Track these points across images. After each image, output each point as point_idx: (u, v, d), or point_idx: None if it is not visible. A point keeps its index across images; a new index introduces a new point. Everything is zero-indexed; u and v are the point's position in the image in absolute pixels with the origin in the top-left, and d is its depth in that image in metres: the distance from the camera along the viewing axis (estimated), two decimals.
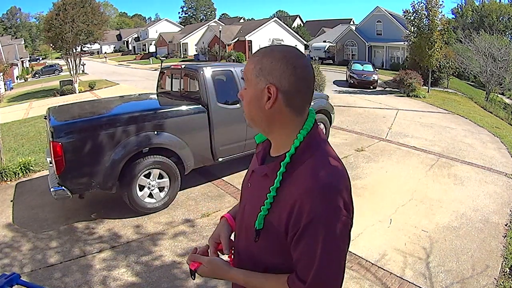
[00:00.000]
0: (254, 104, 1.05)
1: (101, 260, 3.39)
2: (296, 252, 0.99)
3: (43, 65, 47.37)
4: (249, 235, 1.09)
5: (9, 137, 8.79)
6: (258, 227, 1.04)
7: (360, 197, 4.74)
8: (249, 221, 1.09)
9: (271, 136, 1.10)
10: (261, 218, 1.03)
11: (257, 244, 1.07)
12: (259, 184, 1.09)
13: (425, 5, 15.53)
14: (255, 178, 1.13)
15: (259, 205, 1.04)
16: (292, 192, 0.98)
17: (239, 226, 1.18)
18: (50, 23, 20.30)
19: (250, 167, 1.20)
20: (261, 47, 1.11)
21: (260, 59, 1.03)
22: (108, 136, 3.93)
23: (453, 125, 9.75)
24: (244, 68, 1.08)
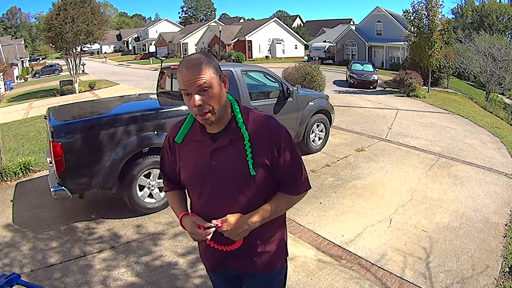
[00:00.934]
0: (221, 98, 1.38)
1: (101, 260, 3.39)
2: (283, 166, 1.44)
3: (43, 65, 47.34)
4: (237, 190, 1.41)
5: (9, 137, 8.79)
6: (252, 173, 1.39)
7: (360, 197, 4.74)
8: (231, 181, 1.41)
9: (221, 115, 1.40)
10: (251, 165, 1.38)
11: (254, 187, 1.41)
12: (227, 151, 1.40)
13: (425, 5, 15.53)
14: (219, 152, 1.41)
15: (238, 162, 1.39)
16: (258, 135, 1.40)
17: (217, 196, 1.43)
18: (50, 23, 20.28)
19: (198, 155, 1.45)
20: (187, 58, 1.39)
21: (208, 66, 1.34)
22: (108, 136, 3.93)
23: (453, 125, 9.75)
24: (193, 78, 1.33)
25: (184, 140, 1.49)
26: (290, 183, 1.49)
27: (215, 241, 1.47)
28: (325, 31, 47.58)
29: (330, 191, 4.91)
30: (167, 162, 1.61)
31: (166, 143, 1.58)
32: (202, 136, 1.45)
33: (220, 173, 1.41)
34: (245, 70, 5.33)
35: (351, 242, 3.67)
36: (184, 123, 1.51)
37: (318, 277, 3.10)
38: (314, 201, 4.56)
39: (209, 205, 1.45)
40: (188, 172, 1.49)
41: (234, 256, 1.53)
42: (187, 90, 1.36)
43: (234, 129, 1.41)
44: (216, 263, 1.62)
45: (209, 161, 1.42)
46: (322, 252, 3.48)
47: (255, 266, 1.57)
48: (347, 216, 4.23)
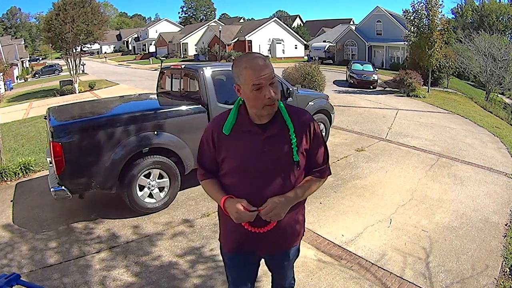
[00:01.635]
0: (278, 88, 1.61)
1: (101, 260, 3.39)
2: (315, 153, 1.70)
3: (43, 65, 47.33)
4: (282, 175, 1.61)
5: (9, 137, 8.79)
6: (296, 159, 1.61)
7: (360, 197, 4.74)
8: (277, 167, 1.61)
9: None
10: (295, 152, 1.60)
11: (296, 171, 1.65)
12: (277, 139, 1.61)
13: (425, 5, 15.53)
14: (270, 140, 1.60)
15: (285, 150, 1.60)
16: (299, 126, 1.63)
17: (263, 181, 1.61)
18: (50, 23, 20.29)
19: (249, 144, 1.61)
20: (254, 55, 1.58)
21: (269, 63, 1.56)
22: (108, 136, 3.93)
23: (453, 125, 9.75)
24: (266, 73, 1.53)
25: (232, 131, 1.62)
26: (319, 167, 1.73)
27: (251, 224, 1.64)
28: (325, 31, 47.59)
29: (330, 191, 4.91)
30: (207, 153, 1.72)
31: (208, 135, 1.70)
32: (251, 127, 1.62)
33: (269, 160, 1.59)
34: None
35: (351, 242, 3.67)
36: (230, 115, 1.65)
37: (318, 277, 3.10)
38: (314, 201, 4.56)
39: (255, 190, 1.61)
40: (238, 160, 1.62)
41: (264, 238, 1.69)
42: (260, 83, 1.51)
43: (281, 120, 1.62)
44: (243, 246, 1.75)
45: (260, 148, 1.59)
46: (322, 252, 3.48)
47: (282, 245, 1.78)
48: (347, 216, 4.23)
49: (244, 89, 1.55)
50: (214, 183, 1.73)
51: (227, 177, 1.69)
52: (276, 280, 2.05)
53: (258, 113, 1.59)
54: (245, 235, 1.69)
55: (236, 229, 1.69)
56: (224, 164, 1.67)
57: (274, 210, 1.56)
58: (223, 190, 1.69)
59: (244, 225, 1.66)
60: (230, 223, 1.67)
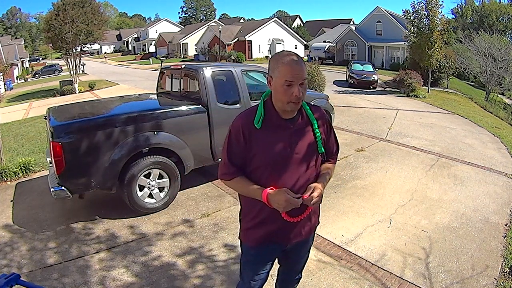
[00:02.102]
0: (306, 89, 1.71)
1: (101, 260, 3.39)
2: (332, 143, 1.92)
3: (43, 65, 47.32)
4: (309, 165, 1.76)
5: (9, 137, 8.79)
6: (321, 151, 1.80)
7: (360, 197, 4.74)
8: (305, 157, 1.75)
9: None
10: (320, 145, 1.78)
11: (320, 161, 1.84)
12: (303, 133, 1.76)
13: (425, 5, 15.52)
14: (294, 134, 1.74)
15: (310, 142, 1.76)
16: (319, 120, 1.80)
17: (293, 172, 1.73)
18: (50, 23, 20.27)
19: (280, 137, 1.73)
20: (291, 54, 1.69)
21: (304, 65, 1.68)
22: (108, 136, 3.93)
23: (453, 125, 9.75)
24: (300, 73, 1.65)
25: (263, 125, 1.72)
26: (333, 155, 1.94)
27: (288, 214, 1.74)
28: (325, 31, 47.58)
29: (330, 191, 4.91)
30: (237, 150, 1.76)
31: (237, 132, 1.74)
32: (280, 121, 1.74)
33: (297, 152, 1.73)
34: (245, 70, 5.34)
35: (351, 242, 3.67)
36: (258, 110, 1.73)
37: (318, 277, 3.10)
38: None
39: (288, 180, 1.71)
40: (270, 153, 1.71)
41: (296, 226, 1.82)
42: (293, 81, 1.63)
43: (304, 115, 1.78)
44: (277, 236, 1.83)
45: (289, 141, 1.72)
46: (322, 252, 3.48)
47: (307, 233, 1.91)
48: (347, 216, 4.23)
49: (276, 82, 1.66)
50: (246, 179, 1.77)
51: (258, 171, 1.75)
52: (284, 273, 2.15)
53: (282, 107, 1.70)
54: (281, 225, 1.78)
55: (273, 220, 1.77)
56: (255, 159, 1.73)
57: (319, 196, 1.69)
58: (257, 184, 1.74)
59: (283, 216, 1.73)
60: (266, 214, 1.76)
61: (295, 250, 1.98)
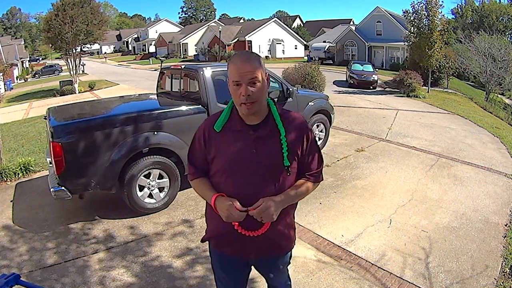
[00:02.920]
0: (265, 92, 1.59)
1: (100, 260, 3.39)
2: (310, 158, 1.69)
3: (43, 65, 47.31)
4: (271, 177, 1.59)
5: (9, 137, 8.79)
6: (286, 164, 1.59)
7: (360, 197, 4.74)
8: (266, 169, 1.58)
9: (260, 109, 1.60)
10: (286, 157, 1.58)
11: (286, 176, 1.61)
12: (266, 141, 1.59)
13: (425, 5, 15.53)
14: (259, 141, 1.59)
15: (275, 153, 1.58)
16: (292, 131, 1.61)
17: (252, 182, 1.58)
18: (50, 23, 20.30)
19: (239, 143, 1.60)
20: (242, 52, 1.61)
21: (259, 63, 1.56)
22: (108, 136, 3.93)
23: (453, 125, 9.75)
24: (247, 71, 1.52)
25: (223, 129, 1.63)
26: (312, 172, 1.71)
27: (243, 226, 1.60)
28: (325, 31, 47.59)
29: (330, 191, 4.91)
30: (198, 151, 1.72)
31: (200, 134, 1.71)
32: (242, 126, 1.61)
33: (258, 161, 1.58)
34: None
35: (351, 242, 3.67)
36: (222, 113, 1.65)
37: (318, 277, 3.10)
38: (314, 201, 4.56)
39: (243, 190, 1.58)
40: (227, 159, 1.61)
41: (257, 241, 1.65)
42: (239, 80, 1.52)
43: (272, 123, 1.62)
44: (234, 249, 1.71)
45: (250, 148, 1.59)
46: (322, 253, 3.48)
47: (274, 250, 1.75)
48: (347, 217, 4.23)
49: (229, 84, 1.58)
50: (205, 182, 1.71)
51: (217, 176, 1.67)
52: (271, 284, 2.01)
53: (240, 111, 1.60)
54: (236, 238, 1.65)
55: (227, 231, 1.65)
56: (214, 163, 1.66)
57: (267, 211, 1.52)
58: (213, 189, 1.66)
59: (235, 226, 1.61)
60: (220, 224, 1.63)
61: (266, 267, 1.85)
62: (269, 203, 1.53)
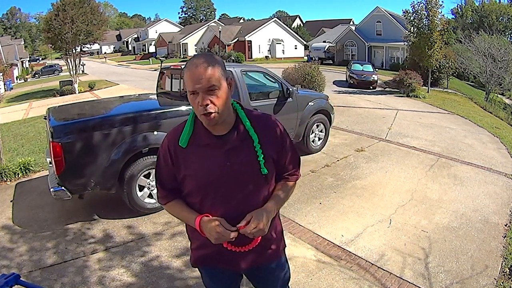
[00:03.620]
0: (227, 100, 1.40)
1: (100, 260, 3.39)
2: (286, 159, 1.57)
3: (43, 65, 47.30)
4: (250, 188, 1.46)
5: (9, 137, 8.79)
6: (264, 172, 1.46)
7: (360, 197, 4.74)
8: (244, 180, 1.45)
9: (226, 117, 1.43)
10: (262, 165, 1.45)
11: (265, 184, 1.50)
12: (239, 151, 1.44)
13: (424, 5, 15.54)
14: (232, 153, 1.43)
15: (250, 162, 1.44)
16: (264, 135, 1.47)
17: (231, 197, 1.45)
18: (49, 23, 20.30)
19: (211, 158, 1.45)
20: (196, 58, 1.38)
21: (216, 67, 1.35)
22: (108, 136, 3.93)
23: (452, 125, 9.75)
24: (203, 77, 1.33)
25: (189, 144, 1.46)
26: (291, 171, 1.62)
27: (232, 243, 1.48)
28: (325, 31, 47.60)
29: (330, 191, 4.91)
30: (165, 171, 1.53)
31: (164, 150, 1.52)
32: (210, 139, 1.45)
33: (234, 174, 1.44)
34: (245, 70, 5.34)
35: (351, 243, 3.67)
36: (185, 126, 1.48)
37: (318, 277, 3.10)
38: (314, 201, 4.56)
39: (224, 207, 1.45)
40: (200, 177, 1.46)
41: (247, 254, 1.54)
42: (194, 89, 1.34)
43: (242, 130, 1.46)
44: (223, 265, 1.59)
45: (222, 162, 1.43)
46: (322, 253, 3.48)
47: (266, 257, 1.62)
48: (347, 216, 4.23)
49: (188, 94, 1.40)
50: (181, 204, 1.54)
51: (191, 196, 1.52)
52: None
53: (202, 121, 1.42)
54: (225, 254, 1.53)
55: (215, 250, 1.52)
56: (186, 182, 1.50)
57: (258, 226, 1.40)
58: (193, 210, 1.51)
59: (224, 245, 1.48)
60: (206, 243, 1.48)
61: (257, 275, 1.69)
62: (259, 218, 1.41)
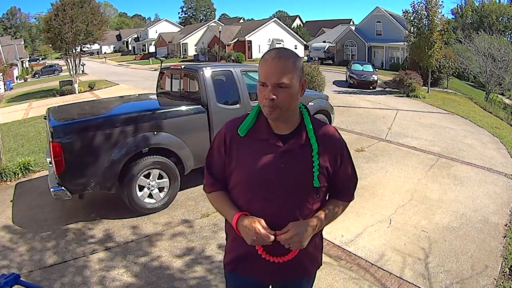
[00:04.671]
0: (295, 100, 1.36)
1: (100, 260, 3.39)
2: (341, 178, 1.48)
3: (43, 65, 47.29)
4: (299, 196, 1.39)
5: (9, 137, 8.79)
6: (316, 185, 1.38)
7: (360, 198, 4.74)
8: (294, 186, 1.38)
9: (290, 117, 1.40)
10: (316, 177, 1.37)
11: (315, 196, 1.42)
12: (297, 156, 1.38)
13: (424, 5, 15.53)
14: (288, 155, 1.37)
15: (304, 170, 1.37)
16: (325, 146, 1.40)
17: (277, 200, 1.38)
18: (49, 23, 20.30)
19: (265, 155, 1.39)
20: (277, 50, 1.35)
21: (294, 65, 1.33)
22: (108, 136, 3.93)
23: (452, 125, 9.75)
24: (275, 71, 1.30)
25: (247, 135, 1.42)
26: (345, 190, 1.54)
27: (267, 251, 1.41)
28: (325, 31, 47.57)
29: None
30: (217, 159, 1.50)
31: (220, 139, 1.48)
32: (269, 135, 1.40)
33: (285, 177, 1.37)
34: (245, 70, 5.34)
35: (351, 243, 3.67)
36: (248, 116, 1.44)
37: (317, 277, 3.06)
38: None
39: (266, 210, 1.38)
40: (249, 171, 1.40)
41: (281, 266, 1.45)
42: (264, 82, 1.32)
43: (304, 136, 1.40)
44: (252, 273, 1.50)
45: (277, 162, 1.37)
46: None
47: (298, 273, 1.53)
48: (346, 217, 4.23)
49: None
50: (225, 196, 1.50)
51: (235, 190, 1.47)
52: None
53: (264, 113, 1.38)
54: (257, 261, 1.45)
55: (248, 253, 1.45)
56: (234, 174, 1.45)
57: (296, 237, 1.33)
58: (235, 205, 1.46)
59: (258, 251, 1.41)
60: (241, 245, 1.43)
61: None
62: (300, 229, 1.34)
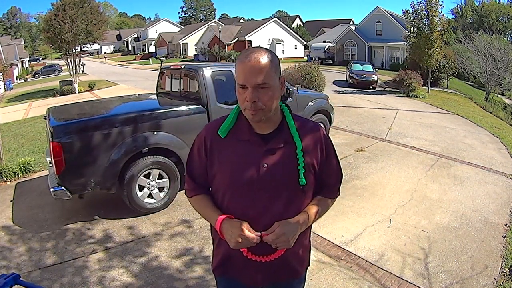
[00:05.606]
0: (277, 99, 1.34)
1: (99, 260, 3.39)
2: (327, 173, 1.47)
3: (43, 65, 47.26)
4: (284, 196, 1.36)
5: (9, 137, 8.78)
6: (302, 183, 1.36)
7: (359, 198, 4.74)
8: (279, 186, 1.35)
9: (272, 116, 1.36)
10: (302, 174, 1.35)
11: (301, 194, 1.40)
12: (279, 155, 1.36)
13: (424, 5, 15.54)
14: (271, 154, 1.35)
15: (289, 169, 1.35)
16: (308, 143, 1.39)
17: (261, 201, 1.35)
18: (49, 23, 20.30)
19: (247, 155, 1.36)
20: (252, 50, 1.32)
21: (271, 64, 1.31)
22: (108, 136, 3.93)
23: (452, 125, 9.75)
24: (254, 73, 1.27)
25: (228, 136, 1.39)
26: (330, 186, 1.53)
27: (252, 251, 1.39)
28: (325, 31, 47.59)
29: None
30: (198, 163, 1.48)
31: (200, 142, 1.46)
32: (250, 136, 1.38)
33: (269, 177, 1.35)
34: None
35: (351, 243, 3.67)
36: (228, 117, 1.41)
37: (317, 277, 3.10)
38: None
39: (251, 212, 1.36)
40: (232, 173, 1.37)
41: (268, 266, 1.43)
42: (244, 83, 1.29)
43: (286, 134, 1.38)
44: (243, 276, 1.47)
45: (260, 163, 1.35)
46: (322, 253, 3.48)
47: (287, 273, 1.50)
48: (346, 217, 4.23)
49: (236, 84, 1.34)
50: (207, 200, 1.47)
51: (219, 193, 1.44)
52: None
53: (246, 116, 1.36)
54: (244, 263, 1.43)
55: (234, 256, 1.44)
56: (216, 177, 1.43)
57: (283, 237, 1.30)
58: (218, 208, 1.43)
59: (243, 252, 1.39)
60: (227, 248, 1.40)
61: None
62: (286, 228, 1.32)
